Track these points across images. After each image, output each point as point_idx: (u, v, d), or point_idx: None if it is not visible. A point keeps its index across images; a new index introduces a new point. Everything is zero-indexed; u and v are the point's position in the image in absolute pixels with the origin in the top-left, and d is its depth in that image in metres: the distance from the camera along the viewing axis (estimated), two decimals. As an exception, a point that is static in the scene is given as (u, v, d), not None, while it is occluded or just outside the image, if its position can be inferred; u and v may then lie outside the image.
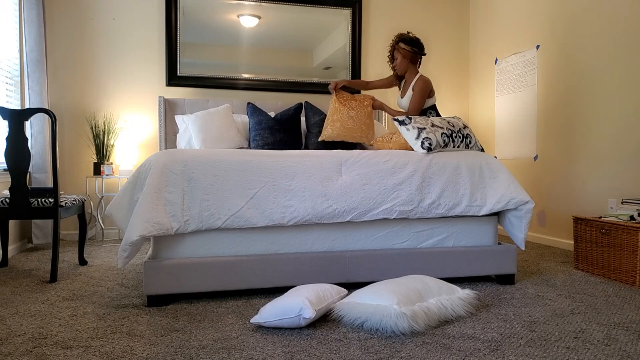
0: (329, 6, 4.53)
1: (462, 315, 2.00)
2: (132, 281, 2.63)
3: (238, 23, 4.34)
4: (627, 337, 1.80)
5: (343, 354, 1.62)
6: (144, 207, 2.11)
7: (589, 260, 2.88)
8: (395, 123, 2.70)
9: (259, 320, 1.85)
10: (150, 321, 1.95)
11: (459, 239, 2.59)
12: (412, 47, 3.22)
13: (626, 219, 2.73)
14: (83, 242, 3.08)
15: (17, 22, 3.63)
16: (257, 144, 3.61)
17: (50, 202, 2.64)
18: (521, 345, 1.71)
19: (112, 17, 4.14)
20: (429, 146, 2.55)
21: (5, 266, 3.00)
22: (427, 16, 4.88)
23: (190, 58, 4.26)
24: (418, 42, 3.25)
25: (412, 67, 3.27)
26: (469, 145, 2.71)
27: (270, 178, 2.31)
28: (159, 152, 2.31)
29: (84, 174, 4.11)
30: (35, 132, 3.65)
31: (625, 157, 3.18)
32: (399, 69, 3.28)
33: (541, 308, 2.15)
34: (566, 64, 3.69)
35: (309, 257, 2.33)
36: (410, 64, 3.26)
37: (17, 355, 1.59)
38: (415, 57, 3.26)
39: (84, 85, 4.11)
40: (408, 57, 3.24)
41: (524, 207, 2.54)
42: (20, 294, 2.35)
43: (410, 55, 3.23)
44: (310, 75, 4.54)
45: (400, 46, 3.23)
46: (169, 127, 4.02)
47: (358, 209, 2.37)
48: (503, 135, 4.48)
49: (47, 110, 2.62)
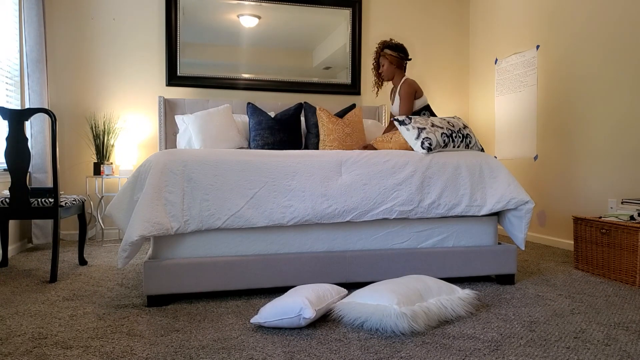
0: (329, 6, 4.53)
1: (462, 315, 2.00)
2: (132, 281, 2.63)
3: (238, 23, 4.34)
4: (627, 337, 1.80)
5: (343, 354, 1.62)
6: (144, 207, 2.11)
7: (589, 260, 2.88)
8: (395, 123, 2.70)
9: (259, 320, 1.85)
10: (150, 321, 1.95)
11: (459, 239, 2.59)
12: (398, 52, 3.28)
13: (626, 219, 2.73)
14: (83, 242, 3.08)
15: (17, 22, 3.63)
16: (257, 144, 3.61)
17: (50, 202, 2.64)
18: (521, 345, 1.71)
19: (112, 17, 4.14)
20: (429, 146, 2.55)
21: (5, 266, 3.00)
22: (427, 16, 4.87)
23: (190, 58, 4.26)
24: (403, 48, 3.32)
25: (399, 72, 3.33)
26: (469, 145, 2.71)
27: (270, 178, 2.31)
28: (158, 152, 2.31)
29: (84, 174, 4.11)
30: (35, 132, 3.65)
31: (625, 157, 3.18)
32: (386, 74, 3.34)
33: (541, 308, 2.15)
34: (566, 64, 3.69)
35: (309, 257, 2.33)
36: (396, 69, 3.32)
37: (17, 355, 1.59)
38: (401, 62, 3.32)
39: (84, 85, 4.11)
40: (395, 63, 3.30)
41: (524, 207, 2.54)
42: (20, 294, 2.35)
43: (396, 60, 3.29)
44: (310, 75, 4.54)
45: (386, 52, 3.29)
46: (169, 127, 4.02)
47: (358, 209, 2.37)
48: (503, 135, 4.48)
49: (47, 110, 2.62)
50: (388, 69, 3.30)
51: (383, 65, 3.31)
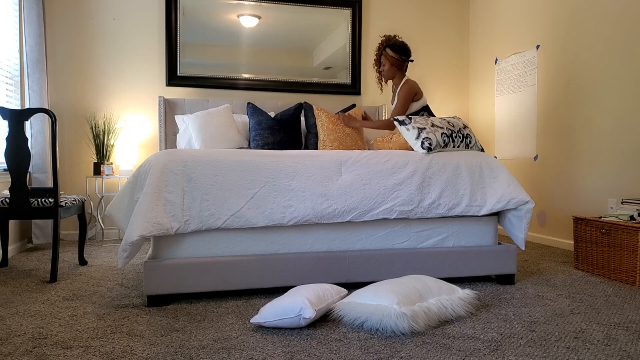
0: (329, 6, 4.53)
1: (462, 315, 2.00)
2: (132, 281, 2.63)
3: (238, 23, 4.34)
4: (627, 337, 1.80)
5: (343, 354, 1.62)
6: (144, 207, 2.11)
7: (589, 260, 2.88)
8: (395, 123, 2.70)
9: (259, 320, 1.85)
10: (150, 321, 1.95)
11: (459, 239, 2.59)
12: (400, 55, 3.23)
13: (626, 219, 2.73)
14: (83, 242, 3.08)
15: (17, 22, 3.63)
16: (257, 144, 3.61)
17: (50, 202, 2.64)
18: (521, 345, 1.71)
19: (112, 17, 4.14)
20: (429, 146, 2.55)
21: (5, 266, 3.00)
22: (427, 16, 4.88)
23: (190, 58, 4.26)
24: (405, 48, 3.25)
25: (399, 73, 3.29)
26: (469, 145, 2.71)
27: (270, 178, 2.31)
28: (158, 152, 2.31)
29: (84, 174, 4.11)
30: (35, 132, 3.65)
31: (625, 157, 3.18)
32: (386, 75, 3.30)
33: (541, 308, 2.15)
34: (566, 64, 3.69)
35: (309, 257, 2.33)
36: (397, 71, 3.28)
37: (17, 355, 1.59)
38: (402, 64, 3.28)
39: (84, 85, 4.11)
40: (395, 65, 3.26)
41: (524, 207, 2.54)
42: (20, 294, 2.35)
43: (397, 62, 3.25)
44: (310, 75, 4.54)
45: (387, 53, 3.23)
46: (169, 127, 4.02)
47: (358, 209, 2.37)
48: (503, 135, 4.48)
49: (47, 110, 2.62)
50: (389, 70, 3.27)
51: (384, 65, 3.27)
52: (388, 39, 3.26)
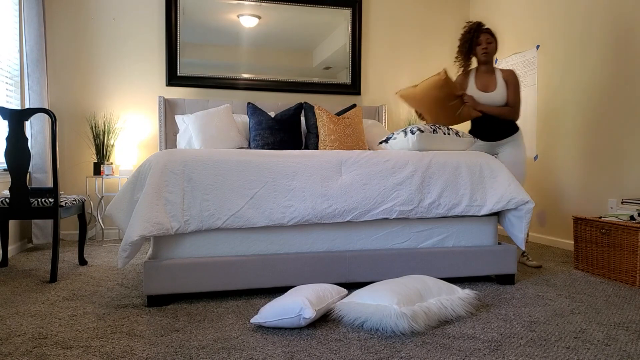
0: (329, 6, 4.53)
1: (462, 315, 2.00)
2: (132, 281, 2.63)
3: (238, 23, 4.34)
4: (627, 337, 1.80)
5: (343, 354, 1.62)
6: (144, 207, 2.11)
7: (589, 260, 2.88)
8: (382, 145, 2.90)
9: (259, 320, 1.85)
10: (150, 321, 1.95)
11: (459, 239, 2.59)
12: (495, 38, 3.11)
13: (626, 219, 2.73)
14: (83, 242, 3.08)
15: (17, 22, 3.63)
16: (257, 144, 3.61)
17: (50, 202, 2.64)
18: (521, 345, 1.71)
19: (112, 17, 4.14)
20: (418, 129, 2.64)
21: (5, 266, 3.00)
22: (427, 16, 4.87)
23: (190, 58, 4.26)
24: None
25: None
26: (459, 134, 2.78)
27: (270, 178, 2.31)
28: (159, 152, 2.31)
29: (84, 174, 4.11)
30: (35, 132, 3.65)
31: (625, 157, 3.18)
32: (492, 52, 3.10)
33: (541, 308, 2.15)
34: (566, 64, 3.69)
35: (309, 257, 2.33)
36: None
37: (17, 355, 1.59)
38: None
39: (84, 85, 4.10)
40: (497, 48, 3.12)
41: (524, 207, 2.54)
42: (20, 294, 2.35)
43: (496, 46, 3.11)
44: (310, 75, 4.54)
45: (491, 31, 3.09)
46: (169, 127, 4.02)
47: (358, 209, 2.37)
48: (503, 135, 4.48)
49: (47, 110, 2.62)
50: (494, 50, 3.10)
51: (490, 42, 3.07)
52: (480, 22, 3.12)
